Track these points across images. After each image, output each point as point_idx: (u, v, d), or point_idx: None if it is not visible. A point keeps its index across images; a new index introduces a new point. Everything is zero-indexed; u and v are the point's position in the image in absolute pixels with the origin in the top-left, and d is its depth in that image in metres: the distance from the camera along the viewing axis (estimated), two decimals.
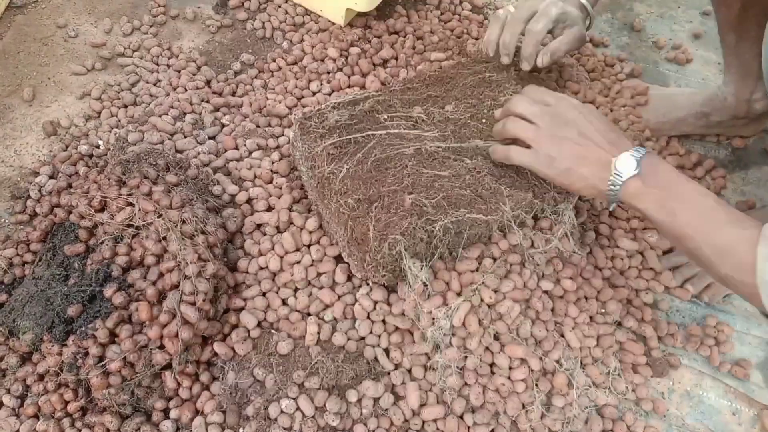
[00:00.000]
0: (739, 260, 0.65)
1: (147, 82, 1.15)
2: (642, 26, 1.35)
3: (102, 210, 0.88)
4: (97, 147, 1.06)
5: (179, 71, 1.16)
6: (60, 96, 1.15)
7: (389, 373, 0.81)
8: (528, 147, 0.77)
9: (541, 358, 0.82)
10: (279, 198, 0.91)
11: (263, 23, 1.25)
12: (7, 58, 1.18)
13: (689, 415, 0.91)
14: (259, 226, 0.90)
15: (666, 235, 0.74)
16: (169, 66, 1.18)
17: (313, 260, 0.85)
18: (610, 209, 0.78)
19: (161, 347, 0.77)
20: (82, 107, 1.13)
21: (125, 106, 1.12)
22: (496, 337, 0.81)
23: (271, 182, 0.95)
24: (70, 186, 0.99)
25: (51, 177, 1.03)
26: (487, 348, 0.80)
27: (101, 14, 1.26)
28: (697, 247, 0.68)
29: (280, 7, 1.28)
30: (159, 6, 1.27)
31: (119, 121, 1.09)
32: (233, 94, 1.13)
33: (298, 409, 0.77)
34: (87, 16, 1.26)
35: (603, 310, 0.91)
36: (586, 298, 0.89)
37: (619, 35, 1.34)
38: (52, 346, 0.80)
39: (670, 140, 1.13)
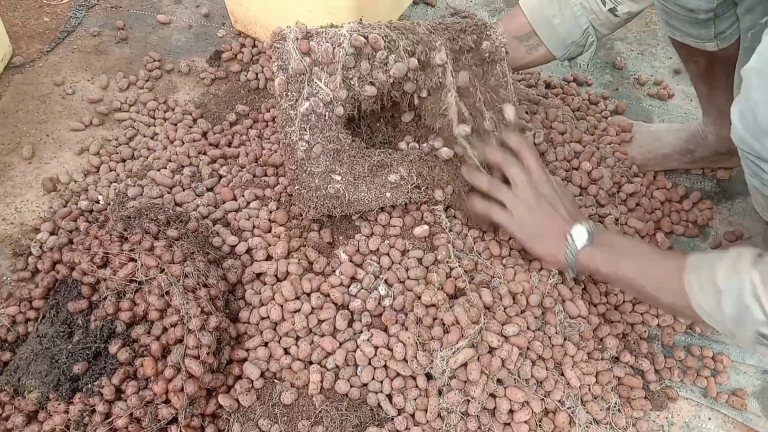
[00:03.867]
0: (673, 289, 0.73)
1: (144, 136, 1.18)
2: (623, 64, 1.39)
3: (104, 266, 0.89)
4: (97, 202, 1.08)
5: (175, 124, 1.19)
6: (59, 152, 1.17)
7: (393, 419, 0.82)
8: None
9: (542, 399, 0.83)
10: (277, 247, 0.93)
11: (256, 74, 1.28)
12: (6, 116, 1.21)
13: None
14: (258, 275, 0.92)
15: (616, 285, 0.91)
16: (165, 119, 1.21)
17: (313, 308, 0.87)
18: (570, 277, 0.93)
19: (167, 402, 0.78)
20: (80, 163, 1.16)
21: (123, 161, 1.15)
22: (498, 381, 0.83)
23: (269, 231, 0.97)
24: (71, 242, 1.00)
25: (52, 233, 1.04)
26: (490, 395, 0.82)
27: (97, 71, 1.30)
28: (641, 287, 0.78)
29: (271, 58, 1.31)
30: (154, 61, 1.30)
31: (118, 175, 1.12)
32: (229, 145, 1.16)
33: None
34: (84, 73, 1.29)
35: (600, 347, 0.93)
36: (581, 337, 0.90)
37: (602, 73, 1.38)
38: (59, 404, 0.80)
39: (656, 175, 1.17)
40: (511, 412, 0.82)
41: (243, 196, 1.02)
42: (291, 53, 0.84)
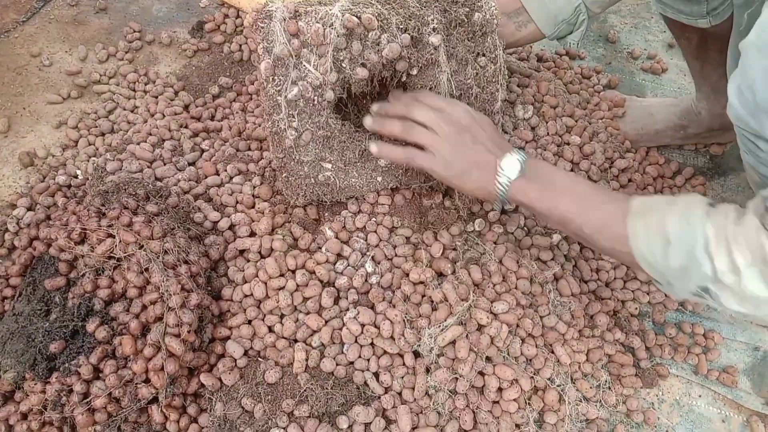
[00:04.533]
0: (614, 234, 0.71)
1: (124, 109, 1.14)
2: (617, 37, 1.37)
3: (82, 242, 0.86)
4: (75, 177, 1.04)
5: (156, 97, 1.16)
6: (36, 126, 1.13)
7: (380, 398, 0.81)
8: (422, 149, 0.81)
9: (532, 377, 0.81)
10: (260, 223, 0.90)
11: (240, 46, 1.25)
12: None
13: (680, 424, 0.91)
14: (242, 252, 0.89)
15: (551, 224, 0.84)
16: (146, 92, 1.17)
17: (297, 285, 0.84)
18: (498, 209, 0.87)
19: (147, 381, 0.76)
20: (58, 137, 1.12)
21: (102, 134, 1.11)
22: (487, 359, 0.81)
23: (253, 207, 0.94)
24: (48, 218, 0.97)
25: (29, 209, 1.01)
26: (479, 372, 0.80)
27: (75, 42, 1.25)
28: (579, 228, 0.75)
29: (256, 38, 1.27)
30: (134, 32, 1.26)
31: (97, 149, 1.08)
32: (212, 118, 1.13)
33: None
34: (61, 44, 1.25)
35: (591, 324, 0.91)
36: (572, 316, 0.89)
37: (595, 47, 1.35)
38: (35, 384, 0.78)
39: (649, 150, 1.15)
40: (500, 390, 0.81)
41: (226, 170, 0.99)
42: (277, 34, 0.79)
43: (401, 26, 0.81)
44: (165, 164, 1.01)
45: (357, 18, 0.79)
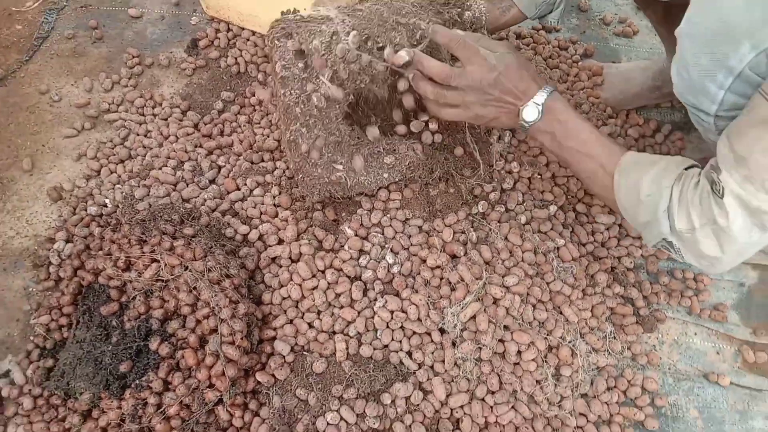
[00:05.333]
0: (603, 183, 0.83)
1: (137, 135, 1.21)
2: (588, 5, 1.44)
3: (128, 269, 0.95)
4: (105, 206, 1.12)
5: (166, 119, 1.23)
6: (57, 161, 1.21)
7: (415, 373, 0.91)
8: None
9: (546, 338, 0.92)
10: (287, 231, 0.99)
11: (236, 59, 1.31)
12: (0, 132, 1.23)
13: (680, 360, 1.02)
14: (274, 259, 0.99)
15: (558, 161, 0.99)
16: (155, 115, 1.24)
17: (329, 283, 0.94)
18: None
19: (211, 386, 0.86)
20: (80, 168, 1.19)
21: (122, 161, 1.18)
22: (505, 327, 0.91)
23: (276, 216, 1.03)
24: (87, 247, 1.05)
25: (67, 241, 1.09)
26: (499, 340, 0.91)
27: (79, 74, 1.32)
28: (577, 171, 0.87)
29: (248, 40, 1.34)
30: (133, 57, 1.32)
31: (119, 176, 1.16)
32: (221, 134, 1.20)
33: (342, 419, 0.87)
34: (66, 78, 1.31)
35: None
36: (575, 278, 0.99)
37: (568, 18, 1.43)
38: (111, 401, 0.88)
39: (629, 113, 1.23)
40: (519, 353, 0.92)
41: (246, 184, 1.08)
42: (286, 56, 0.86)
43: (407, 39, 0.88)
44: (188, 185, 1.09)
45: (363, 36, 0.86)
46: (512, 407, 0.90)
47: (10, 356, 1.02)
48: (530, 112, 0.86)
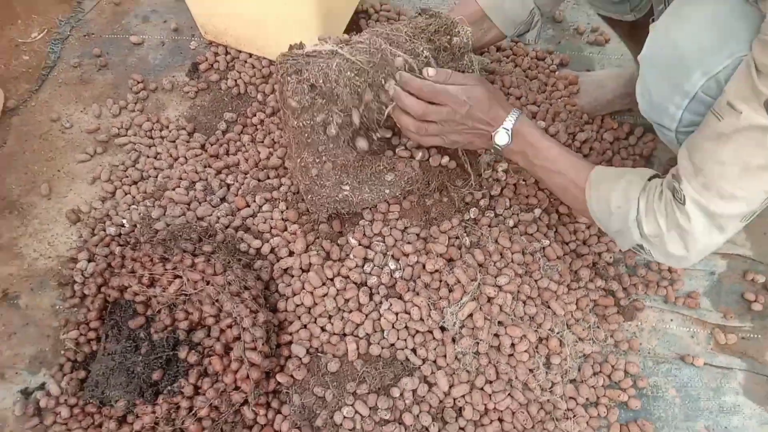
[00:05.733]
0: (575, 197, 0.92)
1: (148, 157, 1.29)
2: (563, 17, 1.54)
3: (152, 285, 1.04)
4: (123, 226, 1.20)
5: (174, 141, 1.31)
6: (73, 185, 1.29)
7: (420, 368, 1.01)
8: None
9: (536, 331, 1.02)
10: (296, 243, 1.08)
11: (235, 81, 1.39)
12: (16, 159, 1.31)
13: (658, 345, 1.13)
14: (286, 270, 1.08)
15: (533, 177, 1.08)
16: (162, 137, 1.32)
17: (338, 290, 1.04)
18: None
19: (237, 389, 0.95)
20: (95, 191, 1.27)
21: (135, 183, 1.26)
22: (499, 323, 1.01)
23: (285, 230, 1.12)
24: (109, 266, 1.13)
25: (89, 260, 1.18)
26: (494, 335, 1.01)
27: (87, 100, 1.39)
28: (549, 186, 0.97)
29: (246, 62, 1.42)
30: (138, 83, 1.40)
31: (134, 197, 1.24)
32: (227, 153, 1.28)
33: (356, 412, 0.97)
34: (75, 105, 1.39)
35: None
36: (560, 275, 1.09)
37: (545, 29, 1.52)
38: (146, 407, 0.97)
39: (604, 118, 1.33)
40: (512, 345, 1.01)
41: (255, 201, 1.16)
42: (298, 90, 0.93)
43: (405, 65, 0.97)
44: (201, 204, 1.18)
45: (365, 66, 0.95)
46: (508, 394, 1.00)
47: (44, 370, 1.10)
48: (501, 137, 0.94)
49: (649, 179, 0.85)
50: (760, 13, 0.71)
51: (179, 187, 1.21)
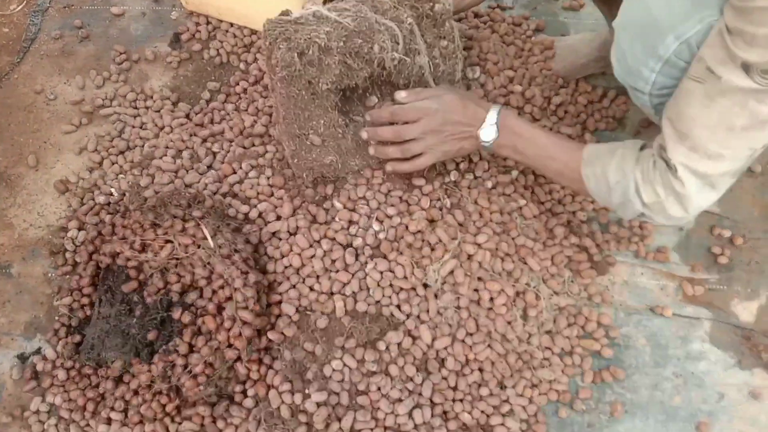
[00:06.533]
0: (572, 178, 0.96)
1: (133, 127, 1.31)
2: None
3: (143, 250, 1.07)
4: (111, 195, 1.23)
5: (159, 111, 1.33)
6: (60, 155, 1.30)
7: (404, 322, 1.06)
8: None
9: (513, 285, 1.07)
10: (283, 208, 1.12)
11: (217, 50, 1.41)
12: (2, 131, 1.33)
13: (629, 298, 1.19)
14: (274, 233, 1.11)
15: (526, 167, 1.15)
16: (147, 108, 1.34)
17: (324, 251, 1.08)
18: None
19: (230, 346, 0.99)
20: (82, 161, 1.30)
21: (122, 153, 1.29)
22: (479, 278, 1.06)
23: (272, 195, 1.16)
24: (99, 233, 1.16)
25: (80, 229, 1.20)
26: (474, 290, 1.06)
27: (70, 72, 1.40)
28: (545, 173, 1.02)
29: (227, 32, 1.44)
30: (120, 54, 1.41)
31: (121, 167, 1.26)
32: (212, 122, 1.31)
33: (345, 365, 1.02)
34: (58, 77, 1.40)
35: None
36: (536, 232, 1.14)
37: None
38: (142, 366, 1.01)
39: (578, 82, 1.37)
40: (491, 299, 1.07)
41: (241, 168, 1.19)
42: (287, 58, 0.95)
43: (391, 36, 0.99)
44: (188, 172, 1.21)
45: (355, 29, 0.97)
46: (488, 345, 1.06)
47: (39, 335, 1.14)
48: (487, 133, 0.99)
49: (640, 149, 0.90)
50: None
51: (166, 155, 1.24)
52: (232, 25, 1.44)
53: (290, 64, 0.95)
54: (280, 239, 1.11)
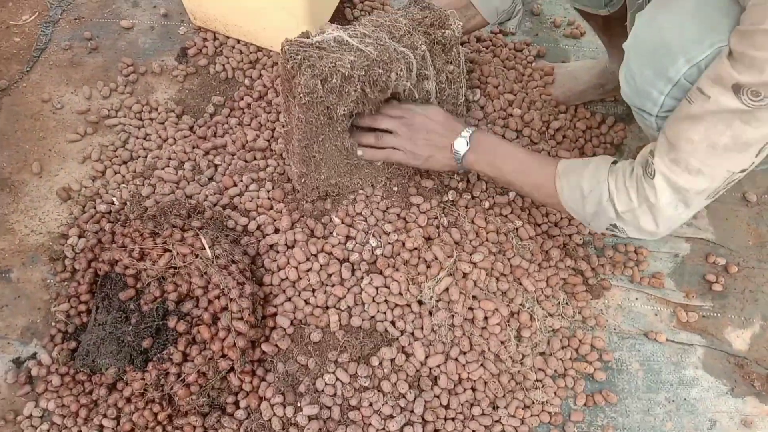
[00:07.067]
0: (547, 192, 0.97)
1: (137, 138, 1.33)
2: (540, 10, 1.59)
3: (141, 259, 1.08)
4: (113, 203, 1.24)
5: (163, 123, 1.35)
6: (64, 164, 1.32)
7: (398, 339, 1.06)
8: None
9: (508, 305, 1.08)
10: (282, 221, 1.13)
11: (223, 66, 1.44)
12: (8, 138, 1.34)
13: (623, 322, 1.19)
14: (271, 246, 1.12)
15: (499, 185, 1.16)
16: (152, 119, 1.36)
17: (321, 265, 1.09)
18: (460, 173, 1.16)
19: (224, 356, 1.00)
20: (86, 170, 1.31)
21: (125, 162, 1.30)
22: (473, 297, 1.07)
23: (271, 209, 1.17)
24: (99, 241, 1.17)
25: (80, 237, 1.21)
26: (468, 308, 1.06)
27: (78, 82, 1.42)
28: (520, 188, 1.03)
29: (234, 48, 1.46)
30: (128, 66, 1.44)
31: (123, 177, 1.28)
32: (215, 135, 1.33)
33: (337, 379, 1.02)
34: (66, 87, 1.42)
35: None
36: (532, 254, 1.15)
37: (523, 21, 1.58)
38: (136, 373, 1.01)
39: (577, 107, 1.39)
40: (485, 318, 1.07)
41: (242, 181, 1.21)
42: (310, 85, 0.95)
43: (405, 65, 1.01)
44: (189, 183, 1.22)
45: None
46: (481, 365, 1.06)
47: (36, 340, 1.14)
48: (460, 143, 1.03)
49: (613, 162, 0.92)
50: (740, 7, 0.76)
51: (168, 166, 1.25)
52: (238, 41, 1.47)
53: (313, 91, 0.97)
54: (278, 252, 1.12)
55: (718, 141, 0.78)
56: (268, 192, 1.19)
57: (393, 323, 1.07)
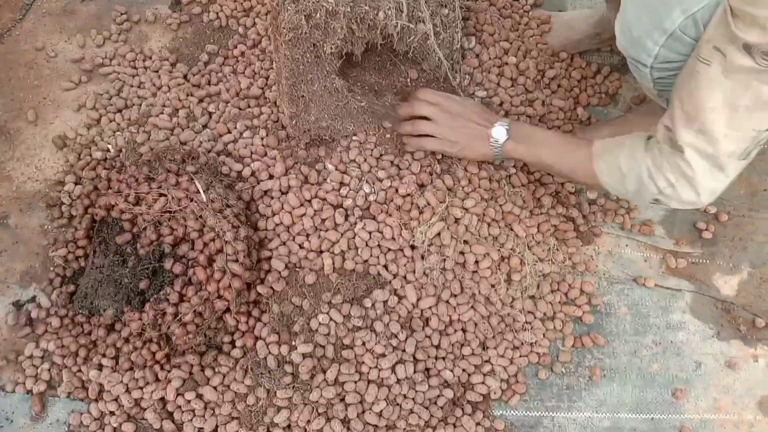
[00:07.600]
0: (586, 173, 0.99)
1: (131, 86, 1.33)
2: None
3: (137, 204, 1.09)
4: (108, 151, 1.25)
5: (157, 71, 1.34)
6: (59, 111, 1.32)
7: (390, 282, 1.08)
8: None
9: (498, 250, 1.10)
10: (276, 167, 1.14)
11: (217, 14, 1.42)
12: (2, 86, 1.34)
13: (613, 268, 1.21)
14: (266, 192, 1.14)
15: (537, 168, 1.18)
16: (146, 68, 1.36)
17: (315, 210, 1.10)
18: (497, 163, 1.17)
19: (220, 297, 1.02)
20: (81, 118, 1.31)
21: (119, 111, 1.30)
22: (464, 241, 1.09)
23: (265, 155, 1.18)
24: (95, 188, 1.19)
25: (76, 183, 1.22)
26: (460, 252, 1.08)
27: (71, 30, 1.41)
28: (559, 171, 1.05)
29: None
30: (121, 14, 1.42)
31: (118, 124, 1.28)
32: (209, 83, 1.32)
33: (331, 319, 1.04)
34: (59, 35, 1.41)
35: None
36: (523, 200, 1.16)
37: None
38: (133, 314, 1.03)
39: (573, 57, 1.39)
40: (476, 262, 1.09)
41: (236, 128, 1.21)
42: (294, 20, 0.96)
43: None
44: (183, 130, 1.23)
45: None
46: (471, 307, 1.09)
47: (35, 284, 1.17)
48: (498, 131, 1.04)
49: (647, 139, 0.92)
50: None
51: (162, 114, 1.25)
52: None
53: (297, 27, 0.97)
54: (272, 197, 1.13)
55: (739, 104, 0.77)
56: (262, 139, 1.19)
57: (386, 267, 1.09)
